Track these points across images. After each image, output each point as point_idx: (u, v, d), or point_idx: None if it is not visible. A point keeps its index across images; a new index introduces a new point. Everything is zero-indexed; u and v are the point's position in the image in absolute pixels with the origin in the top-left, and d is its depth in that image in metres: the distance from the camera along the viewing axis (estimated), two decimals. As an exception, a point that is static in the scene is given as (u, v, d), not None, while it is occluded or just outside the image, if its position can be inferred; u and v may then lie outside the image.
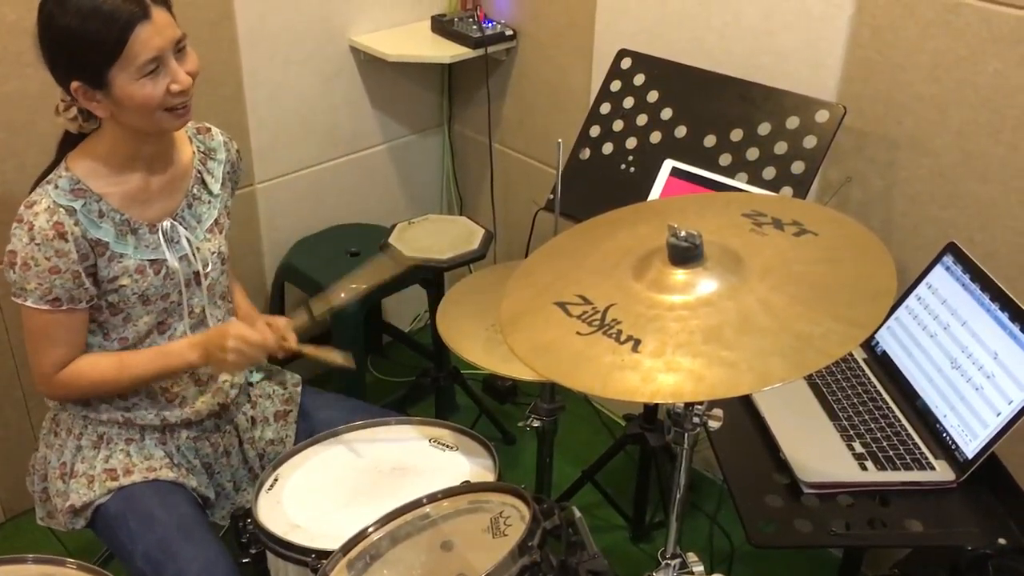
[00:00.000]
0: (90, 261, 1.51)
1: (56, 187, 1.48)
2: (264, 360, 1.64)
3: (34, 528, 1.80)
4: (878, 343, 1.76)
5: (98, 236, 1.50)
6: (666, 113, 1.94)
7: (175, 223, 1.60)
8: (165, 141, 1.57)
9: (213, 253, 1.66)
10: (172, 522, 1.56)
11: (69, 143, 1.55)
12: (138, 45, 1.38)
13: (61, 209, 1.46)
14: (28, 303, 1.50)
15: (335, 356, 1.66)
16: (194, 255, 1.62)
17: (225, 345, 1.55)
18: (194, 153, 1.65)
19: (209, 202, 1.67)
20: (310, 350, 1.67)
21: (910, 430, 1.57)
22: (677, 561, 1.38)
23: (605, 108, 2.03)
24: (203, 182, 1.66)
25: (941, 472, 1.49)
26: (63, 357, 1.55)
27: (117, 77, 1.40)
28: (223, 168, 1.69)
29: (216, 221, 1.67)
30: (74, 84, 1.42)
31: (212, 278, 1.66)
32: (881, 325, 1.70)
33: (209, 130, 1.70)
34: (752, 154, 1.82)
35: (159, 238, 1.58)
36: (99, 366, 1.58)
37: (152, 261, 1.57)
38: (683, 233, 1.17)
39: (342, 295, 1.70)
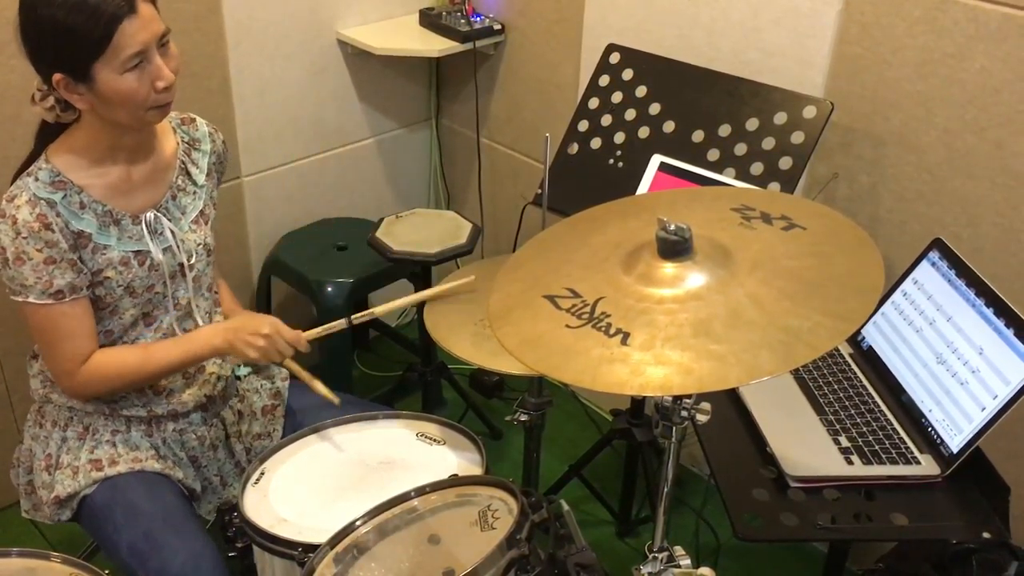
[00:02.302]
0: (76, 253, 1.49)
1: (36, 179, 1.47)
2: (281, 359, 1.66)
3: (18, 522, 1.79)
4: (864, 338, 1.77)
5: (80, 228, 1.49)
6: (654, 108, 1.94)
7: (159, 214, 1.59)
8: (146, 132, 1.56)
9: (198, 244, 1.65)
10: (158, 514, 1.56)
11: (47, 134, 1.53)
12: (124, 39, 1.37)
13: (42, 201, 1.45)
14: (30, 299, 1.48)
15: (321, 388, 1.71)
16: (178, 247, 1.61)
17: (261, 330, 1.56)
18: (178, 144, 1.64)
19: (194, 193, 1.65)
20: (296, 369, 1.73)
21: (896, 424, 1.58)
22: (664, 554, 1.38)
23: (593, 103, 2.03)
24: (187, 173, 1.65)
25: (926, 466, 1.49)
26: (81, 349, 1.54)
27: (101, 71, 1.39)
28: (208, 159, 1.68)
29: (201, 212, 1.66)
30: (56, 76, 1.40)
31: (198, 270, 1.65)
32: (868, 320, 1.71)
33: (193, 120, 1.69)
34: (740, 149, 1.83)
35: (142, 229, 1.57)
36: (123, 360, 1.57)
37: (136, 252, 1.56)
38: (672, 227, 1.17)
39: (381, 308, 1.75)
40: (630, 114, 1.97)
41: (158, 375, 1.61)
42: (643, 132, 1.94)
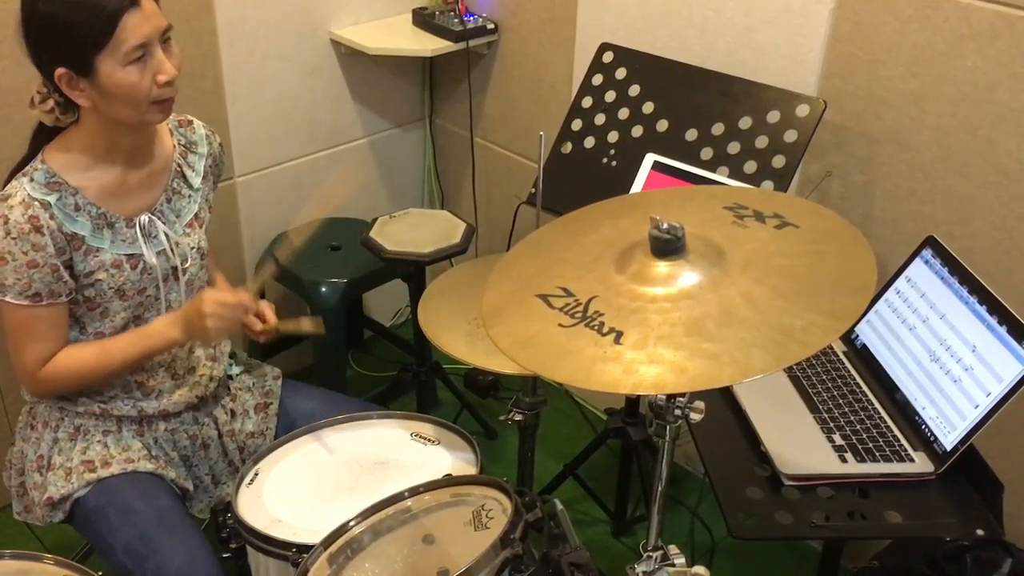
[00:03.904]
0: (66, 255, 1.49)
1: (31, 180, 1.47)
2: (242, 321, 1.61)
3: (11, 524, 1.78)
4: (858, 336, 1.77)
5: (74, 230, 1.48)
6: (648, 107, 1.94)
7: (153, 217, 1.58)
8: (146, 133, 1.56)
9: (192, 248, 1.64)
10: (152, 514, 1.55)
11: (42, 136, 1.53)
12: (126, 31, 1.37)
13: (36, 203, 1.44)
14: (7, 299, 1.48)
15: (305, 323, 1.68)
16: (172, 250, 1.61)
17: (203, 311, 1.51)
18: (175, 146, 1.64)
19: (189, 196, 1.65)
20: (282, 323, 1.68)
21: (889, 422, 1.58)
22: (659, 553, 1.38)
23: (587, 102, 2.03)
24: (183, 176, 1.64)
25: (920, 464, 1.50)
26: (46, 352, 1.54)
27: (103, 64, 1.39)
28: (205, 162, 1.68)
29: (196, 215, 1.66)
30: (59, 71, 1.40)
31: (191, 273, 1.65)
32: (861, 318, 1.71)
33: (191, 123, 1.69)
34: (733, 148, 1.83)
35: (136, 232, 1.56)
36: (81, 357, 1.56)
37: (129, 256, 1.55)
38: (665, 225, 1.17)
39: (298, 239, 1.72)
40: (623, 113, 1.97)
41: (117, 372, 1.59)
42: (636, 131, 1.94)
